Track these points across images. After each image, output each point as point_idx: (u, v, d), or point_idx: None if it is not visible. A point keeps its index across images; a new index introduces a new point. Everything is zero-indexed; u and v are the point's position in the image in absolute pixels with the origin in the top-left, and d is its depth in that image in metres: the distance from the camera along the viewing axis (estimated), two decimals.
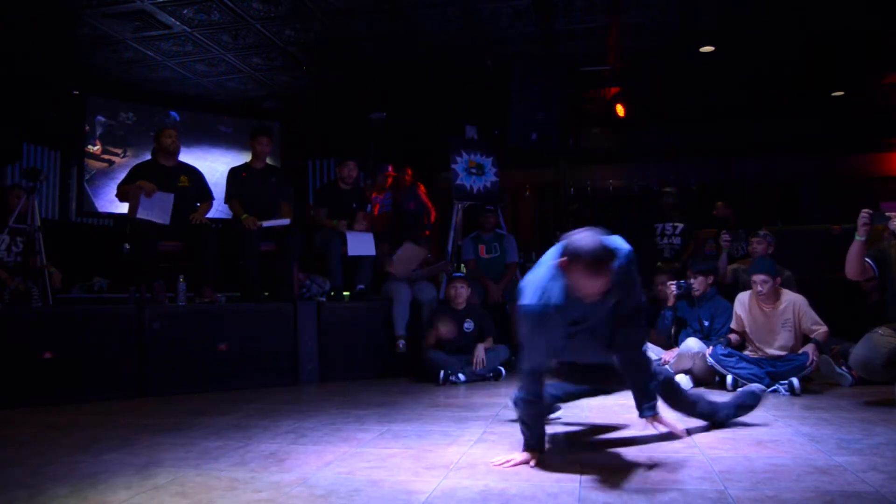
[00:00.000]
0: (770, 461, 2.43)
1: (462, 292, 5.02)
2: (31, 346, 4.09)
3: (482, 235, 6.01)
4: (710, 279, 4.78)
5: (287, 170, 7.37)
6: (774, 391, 4.07)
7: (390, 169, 6.79)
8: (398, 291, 5.27)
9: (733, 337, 4.44)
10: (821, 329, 4.20)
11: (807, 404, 3.67)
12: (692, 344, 4.43)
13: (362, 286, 5.43)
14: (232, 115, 8.05)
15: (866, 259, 3.67)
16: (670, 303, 4.78)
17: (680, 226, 6.28)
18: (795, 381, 4.01)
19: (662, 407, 2.80)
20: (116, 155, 7.53)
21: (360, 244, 5.39)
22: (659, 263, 6.03)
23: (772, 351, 4.26)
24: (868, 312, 4.51)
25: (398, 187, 6.77)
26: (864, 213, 3.51)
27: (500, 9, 5.55)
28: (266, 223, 5.12)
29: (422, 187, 6.79)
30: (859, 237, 3.57)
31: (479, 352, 4.85)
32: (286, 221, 5.28)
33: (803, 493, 2.05)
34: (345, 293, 5.59)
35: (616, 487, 2.15)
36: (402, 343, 5.08)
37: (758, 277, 4.29)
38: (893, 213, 3.48)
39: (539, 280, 2.45)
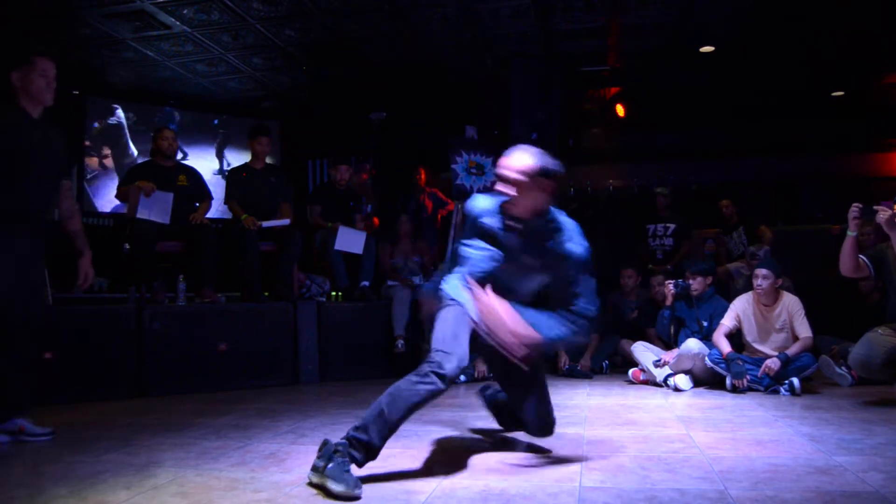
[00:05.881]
0: (770, 461, 2.43)
1: None
2: None
3: None
4: (709, 280, 4.78)
5: (287, 170, 7.36)
6: (775, 391, 4.07)
7: (367, 167, 6.86)
8: (398, 292, 5.29)
9: (727, 326, 4.37)
10: (804, 335, 4.19)
11: (807, 404, 3.67)
12: (692, 345, 4.42)
13: (367, 283, 5.42)
14: (232, 115, 8.05)
15: (862, 257, 3.66)
16: (668, 302, 4.78)
17: (672, 226, 6.28)
18: (796, 381, 4.01)
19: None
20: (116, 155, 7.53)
21: (349, 241, 5.39)
22: (650, 266, 6.04)
23: (768, 351, 4.26)
24: (868, 312, 4.51)
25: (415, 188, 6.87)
26: (855, 208, 3.50)
27: (499, 8, 5.55)
28: (266, 223, 5.12)
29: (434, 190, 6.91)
30: (851, 232, 3.56)
31: (480, 365, 4.83)
32: (286, 221, 5.28)
33: (803, 493, 2.05)
34: (340, 294, 5.59)
35: (616, 487, 2.15)
36: (400, 343, 5.08)
37: (760, 271, 4.30)
38: (880, 207, 3.45)
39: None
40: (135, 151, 7.51)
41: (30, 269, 3.06)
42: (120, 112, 7.46)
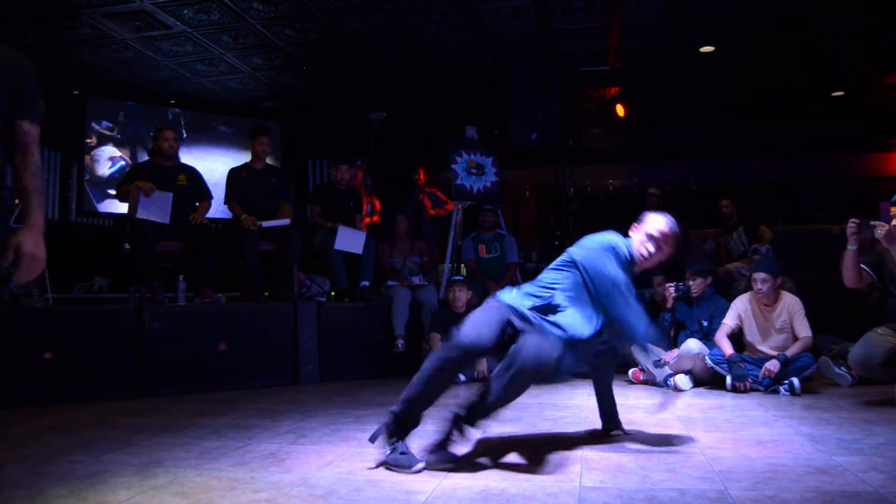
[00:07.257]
0: (770, 461, 2.43)
1: (461, 296, 5.00)
2: (31, 346, 4.09)
3: (482, 235, 6.02)
4: (709, 280, 4.77)
5: (287, 170, 7.37)
6: (775, 391, 4.07)
7: (359, 164, 6.93)
8: (398, 292, 5.29)
9: (729, 325, 4.37)
10: (804, 335, 4.19)
11: (807, 404, 3.67)
12: (692, 345, 4.42)
13: (367, 283, 5.43)
14: (232, 115, 8.05)
15: (864, 267, 3.69)
16: (669, 304, 4.77)
17: None
18: (796, 381, 4.01)
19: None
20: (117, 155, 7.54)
21: (349, 240, 5.39)
22: None
23: (768, 351, 4.26)
24: (868, 312, 4.51)
25: (415, 188, 6.91)
26: (852, 223, 3.55)
27: (499, 8, 5.56)
28: (266, 223, 5.12)
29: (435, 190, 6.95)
30: (851, 246, 3.59)
31: (482, 364, 4.82)
32: (286, 221, 5.28)
33: (803, 493, 2.05)
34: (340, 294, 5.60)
35: (616, 487, 2.15)
36: (400, 342, 5.08)
37: (758, 275, 4.29)
38: (878, 223, 3.51)
39: (612, 235, 2.76)
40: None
41: None
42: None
